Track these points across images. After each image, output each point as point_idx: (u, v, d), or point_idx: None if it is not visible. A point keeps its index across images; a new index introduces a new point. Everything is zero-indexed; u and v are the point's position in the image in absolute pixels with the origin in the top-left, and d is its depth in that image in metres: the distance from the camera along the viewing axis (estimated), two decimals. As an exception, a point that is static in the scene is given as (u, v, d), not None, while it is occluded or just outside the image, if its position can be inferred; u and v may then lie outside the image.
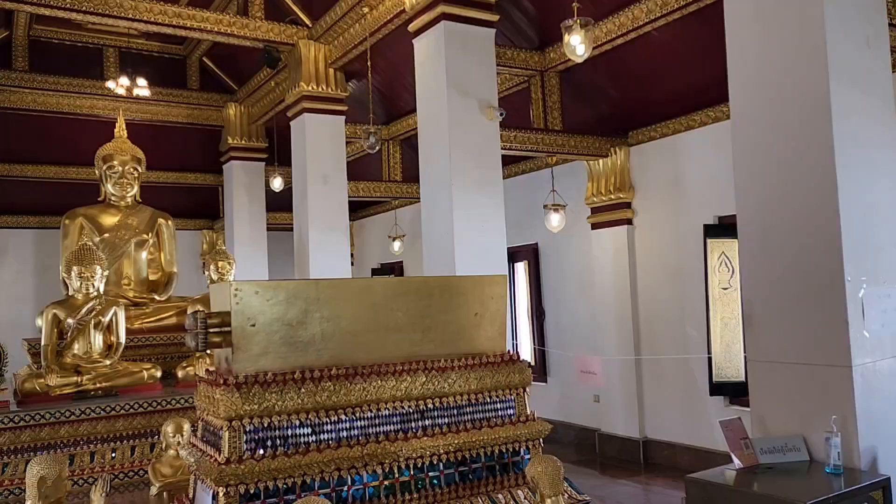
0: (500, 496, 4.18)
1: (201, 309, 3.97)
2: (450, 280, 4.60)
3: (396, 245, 12.63)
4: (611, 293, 7.94)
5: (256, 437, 3.72)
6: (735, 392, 6.61)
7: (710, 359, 6.63)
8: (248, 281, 3.95)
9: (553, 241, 8.77)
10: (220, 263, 9.37)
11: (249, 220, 13.00)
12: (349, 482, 3.85)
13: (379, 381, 4.08)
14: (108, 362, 8.12)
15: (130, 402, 7.66)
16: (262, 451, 3.69)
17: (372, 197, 11.43)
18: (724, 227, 6.85)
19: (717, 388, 6.62)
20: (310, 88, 9.64)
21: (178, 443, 4.93)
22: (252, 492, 3.63)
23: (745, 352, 6.72)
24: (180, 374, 8.45)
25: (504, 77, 8.23)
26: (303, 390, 3.84)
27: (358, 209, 14.76)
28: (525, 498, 4.23)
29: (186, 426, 5.00)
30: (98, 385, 7.81)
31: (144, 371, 8.23)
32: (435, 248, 6.42)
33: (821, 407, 3.44)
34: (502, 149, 6.80)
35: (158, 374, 8.30)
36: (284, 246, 14.42)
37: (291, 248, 10.31)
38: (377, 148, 8.17)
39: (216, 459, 3.64)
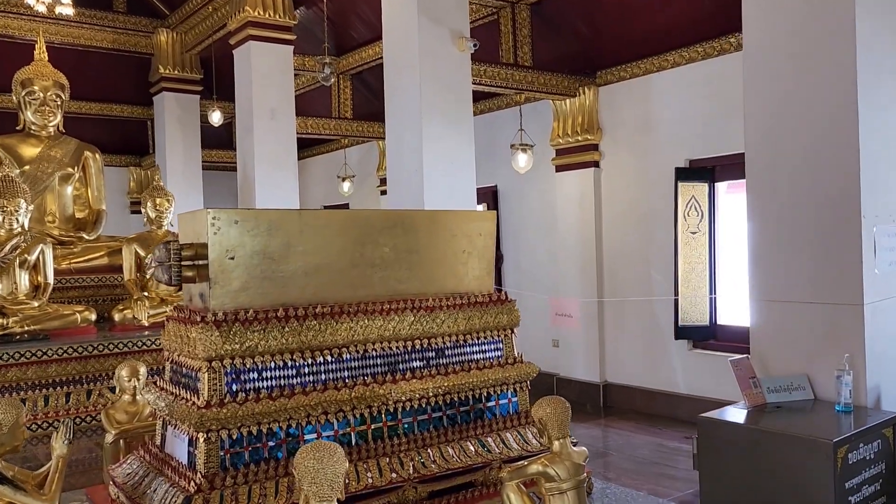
0: (489, 439, 4.03)
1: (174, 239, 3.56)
2: (438, 214, 4.33)
3: (346, 186, 12.15)
4: (574, 237, 7.82)
5: (239, 379, 3.41)
6: (700, 336, 6.67)
7: (676, 303, 6.64)
8: (226, 209, 3.58)
9: (514, 184, 8.58)
10: (157, 200, 8.83)
11: (184, 157, 12.23)
12: (336, 426, 3.60)
13: (366, 321, 3.81)
14: (35, 304, 7.55)
15: (63, 346, 7.15)
16: (244, 395, 3.39)
17: (321, 134, 10.88)
18: (695, 171, 6.79)
19: (682, 332, 6.67)
20: (256, 14, 8.96)
21: (135, 387, 4.56)
22: (234, 437, 3.34)
23: (711, 293, 6.77)
24: (117, 317, 7.97)
25: (472, 7, 7.83)
26: (286, 329, 3.54)
27: (300, 148, 14.12)
28: (514, 441, 4.09)
29: (143, 370, 4.62)
30: (26, 328, 7.28)
31: (77, 313, 7.72)
32: (401, 186, 6.11)
33: (827, 346, 3.41)
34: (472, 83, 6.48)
35: (93, 316, 7.80)
36: (220, 186, 13.67)
37: (227, 189, 9.77)
38: (331, 80, 7.70)
39: (194, 403, 3.32)
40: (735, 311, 6.70)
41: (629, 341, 7.35)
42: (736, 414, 3.23)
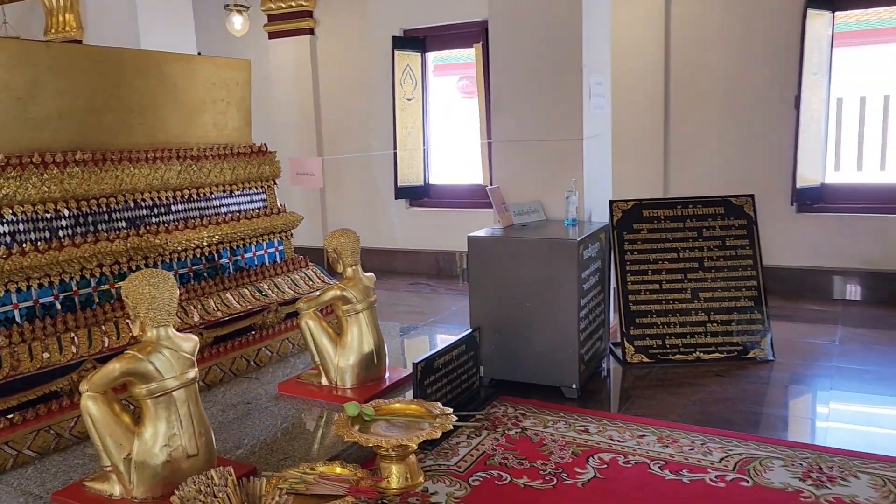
0: (264, 285, 4.15)
1: None
2: (195, 59, 4.10)
3: None
4: (290, 106, 7.71)
5: (-1, 231, 3.01)
6: (416, 195, 7.29)
7: (395, 166, 7.11)
8: (-45, 33, 2.99)
9: (219, 53, 8.06)
10: None
11: None
12: (112, 279, 3.40)
13: (132, 169, 3.58)
14: None
15: None
16: (6, 248, 3.02)
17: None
18: (409, 41, 7.16)
19: (400, 193, 7.20)
20: None
21: None
22: (1, 295, 2.99)
23: (426, 154, 7.41)
24: None
25: None
26: (46, 176, 3.19)
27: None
28: (287, 286, 4.26)
29: None
30: None
31: None
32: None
33: (554, 175, 4.14)
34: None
35: None
36: None
37: None
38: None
39: (-55, 260, 2.87)
40: (444, 172, 7.45)
41: (350, 204, 7.69)
42: (495, 232, 3.82)
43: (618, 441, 3.09)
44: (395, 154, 7.06)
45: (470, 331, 3.64)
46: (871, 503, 2.52)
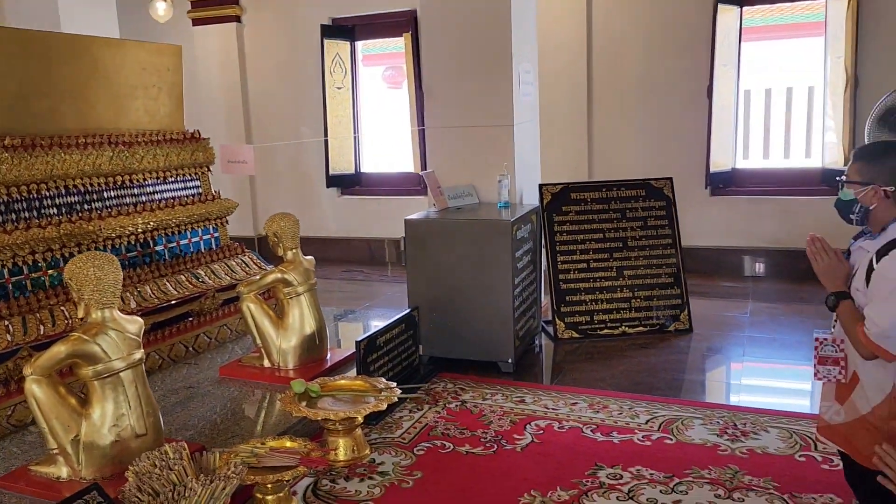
0: (200, 271, 4.14)
1: None
2: (126, 44, 4.04)
3: None
4: (217, 95, 7.55)
5: (-74, 218, 2.94)
6: (347, 184, 7.30)
7: (326, 154, 7.11)
8: None
9: (141, 39, 7.81)
10: None
11: None
12: (45, 266, 3.35)
13: (63, 155, 3.52)
14: None
15: None
16: (-64, 235, 2.95)
17: None
18: (338, 29, 7.17)
19: (332, 181, 7.21)
20: None
21: None
22: (-69, 283, 2.92)
23: (357, 142, 7.45)
24: None
25: None
26: (-27, 162, 3.11)
27: None
28: (223, 272, 4.27)
29: None
30: None
31: None
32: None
33: (487, 160, 4.29)
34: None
35: None
36: None
37: None
38: None
39: None
40: (375, 160, 7.51)
41: (281, 193, 7.61)
42: (432, 215, 3.94)
43: (552, 409, 3.27)
44: (326, 142, 7.07)
45: (409, 310, 3.75)
46: (780, 453, 2.78)
